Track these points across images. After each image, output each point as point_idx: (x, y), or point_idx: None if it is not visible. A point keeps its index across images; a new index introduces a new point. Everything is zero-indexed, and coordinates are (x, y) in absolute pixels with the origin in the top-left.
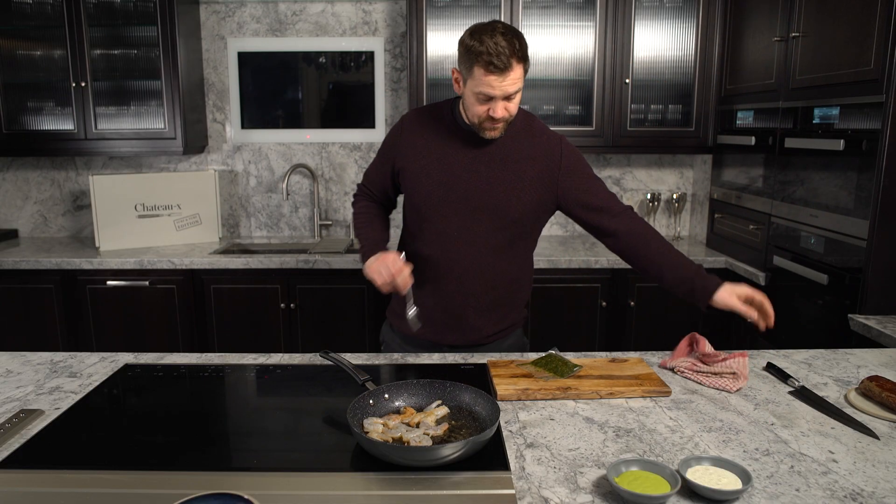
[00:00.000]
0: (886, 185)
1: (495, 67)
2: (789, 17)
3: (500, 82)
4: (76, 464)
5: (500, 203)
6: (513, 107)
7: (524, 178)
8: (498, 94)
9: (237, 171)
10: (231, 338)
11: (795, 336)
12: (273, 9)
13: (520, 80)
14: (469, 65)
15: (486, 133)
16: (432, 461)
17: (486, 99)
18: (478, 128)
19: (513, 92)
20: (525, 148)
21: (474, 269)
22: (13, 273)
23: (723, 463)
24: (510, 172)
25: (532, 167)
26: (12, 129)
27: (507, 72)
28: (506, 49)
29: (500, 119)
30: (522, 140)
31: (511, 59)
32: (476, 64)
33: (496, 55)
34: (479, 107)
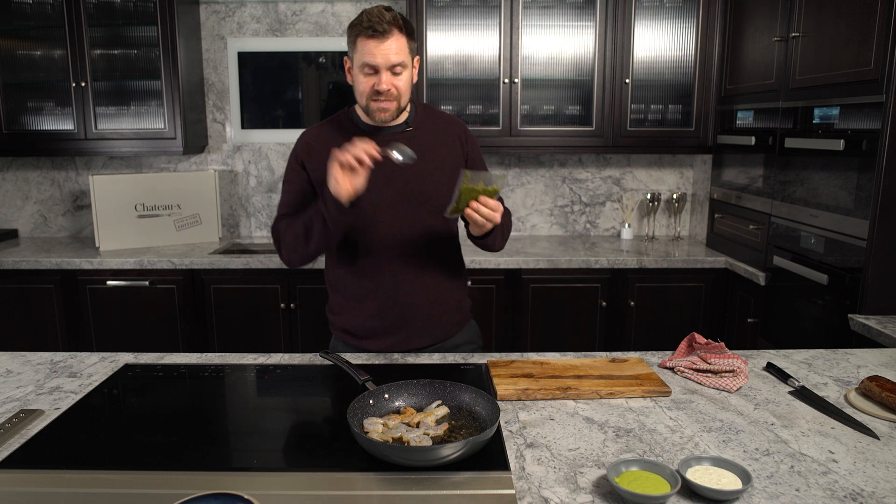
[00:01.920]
0: (886, 185)
1: (374, 31)
2: (789, 17)
3: (379, 48)
4: (76, 464)
5: (431, 193)
6: (401, 84)
7: (446, 162)
8: (380, 62)
9: (237, 171)
10: (231, 338)
11: (795, 336)
12: (273, 9)
13: (403, 53)
14: (352, 39)
15: (376, 114)
16: (432, 461)
17: (371, 71)
18: (367, 110)
19: (395, 62)
20: (434, 135)
21: (416, 268)
22: (13, 273)
23: (723, 463)
24: (431, 161)
25: (448, 152)
26: (12, 129)
27: (387, 36)
28: (385, 16)
29: (384, 92)
30: (431, 126)
31: (391, 26)
32: (359, 36)
33: (377, 21)
34: (365, 81)
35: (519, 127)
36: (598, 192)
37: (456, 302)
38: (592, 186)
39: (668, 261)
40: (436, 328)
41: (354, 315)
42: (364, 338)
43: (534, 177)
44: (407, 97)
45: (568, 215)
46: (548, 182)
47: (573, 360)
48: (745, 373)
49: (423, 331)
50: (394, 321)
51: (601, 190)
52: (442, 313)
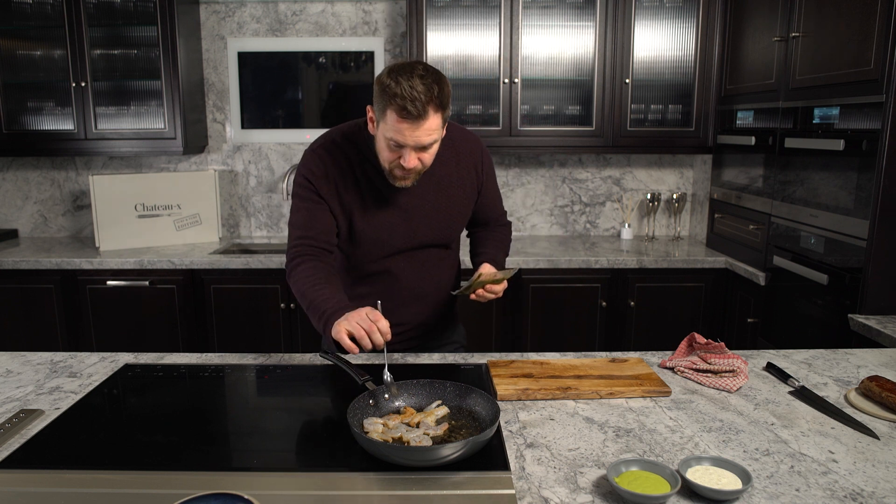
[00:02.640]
0: (886, 185)
1: (408, 114)
2: (789, 17)
3: (412, 131)
4: (76, 464)
5: (443, 228)
6: (427, 158)
7: (459, 198)
8: (410, 144)
9: (237, 171)
10: (231, 338)
11: (795, 336)
12: (273, 9)
13: (437, 132)
14: (382, 106)
15: (396, 182)
16: (432, 461)
17: (397, 146)
18: (387, 174)
19: (427, 143)
20: (453, 164)
21: (413, 290)
22: (13, 273)
23: (723, 463)
24: (445, 196)
25: (463, 185)
26: (12, 129)
27: (422, 121)
28: (422, 95)
29: (411, 170)
30: (448, 156)
31: (427, 106)
32: (389, 107)
33: (411, 100)
34: (390, 153)
35: (519, 127)
36: (598, 192)
37: (445, 303)
38: (592, 186)
39: (668, 261)
40: (422, 329)
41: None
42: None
43: (534, 177)
44: (429, 165)
45: (568, 215)
46: (548, 182)
47: (573, 360)
48: (745, 373)
49: (408, 331)
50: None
51: (601, 190)
52: (430, 314)
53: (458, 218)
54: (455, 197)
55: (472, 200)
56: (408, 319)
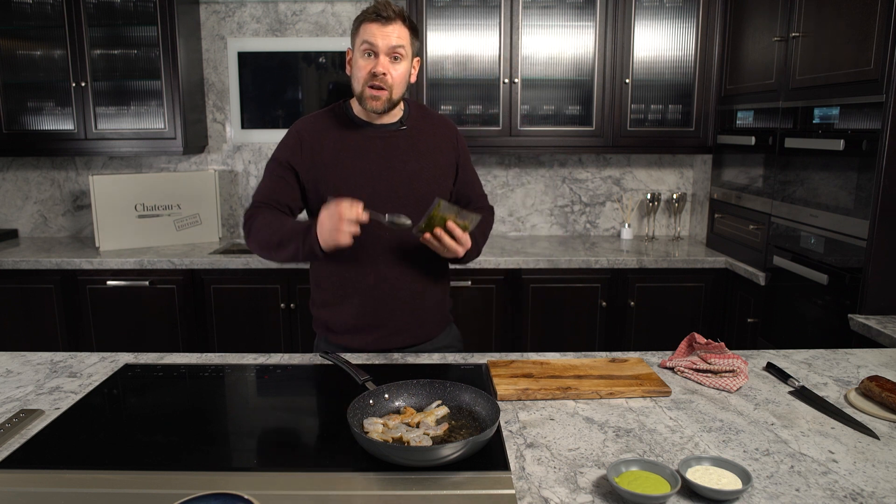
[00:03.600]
0: (886, 185)
1: (378, 16)
2: (789, 17)
3: (382, 30)
4: (76, 464)
5: (420, 193)
6: (397, 74)
7: (437, 165)
8: (380, 45)
9: (237, 171)
10: (231, 338)
11: (795, 336)
12: (273, 9)
13: (405, 41)
14: (357, 25)
15: (368, 101)
16: (432, 461)
17: (370, 52)
18: (361, 97)
19: (395, 45)
20: (430, 135)
21: (398, 270)
22: (13, 273)
23: (723, 463)
24: (423, 162)
25: (440, 155)
26: (12, 129)
27: (391, 22)
28: (392, 6)
29: (381, 79)
30: (424, 127)
31: (397, 16)
32: (364, 21)
33: (382, 7)
34: (363, 64)
35: (519, 127)
36: (598, 192)
37: (437, 302)
38: (592, 186)
39: (668, 261)
40: (415, 328)
41: (334, 311)
42: (342, 333)
43: (534, 177)
44: (400, 91)
45: (568, 215)
46: (548, 182)
47: (573, 360)
48: (745, 373)
49: (401, 330)
50: (372, 319)
51: (601, 190)
52: (422, 313)
53: (437, 184)
54: (435, 161)
55: (450, 171)
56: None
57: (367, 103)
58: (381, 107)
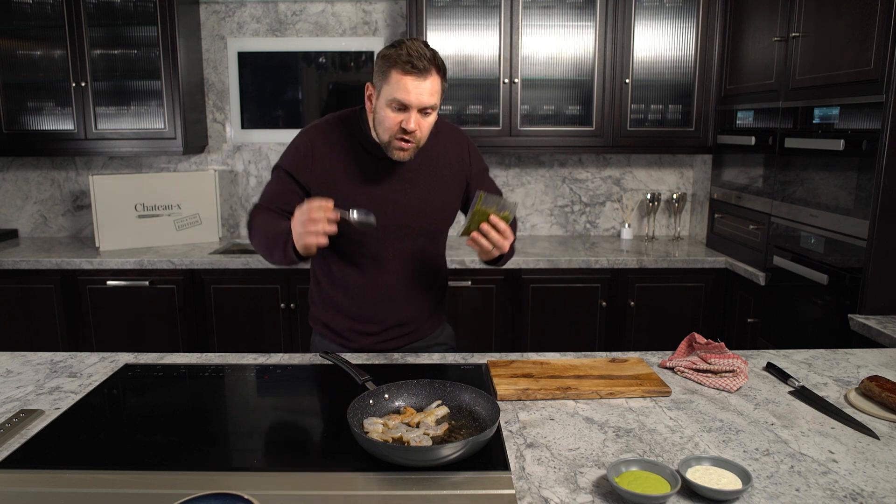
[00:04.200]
0: (886, 185)
1: (413, 68)
2: (789, 17)
3: (416, 87)
4: (76, 464)
5: (431, 217)
6: (425, 126)
7: (447, 186)
8: (413, 102)
9: (237, 171)
10: (231, 338)
11: (795, 336)
12: (273, 9)
13: (437, 95)
14: (386, 70)
15: (395, 153)
16: (432, 461)
17: (400, 108)
18: (386, 146)
19: (428, 105)
20: (439, 153)
21: (404, 281)
22: (13, 273)
23: (723, 463)
24: (435, 184)
25: (450, 173)
26: (12, 129)
27: (426, 76)
28: (426, 53)
29: (411, 134)
30: (435, 145)
31: (431, 65)
32: (394, 67)
33: (417, 57)
34: (392, 117)
35: (519, 127)
36: (598, 192)
37: (433, 306)
38: (592, 186)
39: (668, 261)
40: (412, 332)
41: (330, 310)
42: (338, 332)
43: (534, 177)
44: (426, 137)
45: (568, 215)
46: (548, 182)
47: (573, 360)
48: (745, 373)
49: (398, 333)
50: (368, 320)
51: (601, 190)
52: (418, 315)
53: (445, 205)
54: (443, 183)
55: (460, 189)
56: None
57: (392, 153)
58: (408, 157)
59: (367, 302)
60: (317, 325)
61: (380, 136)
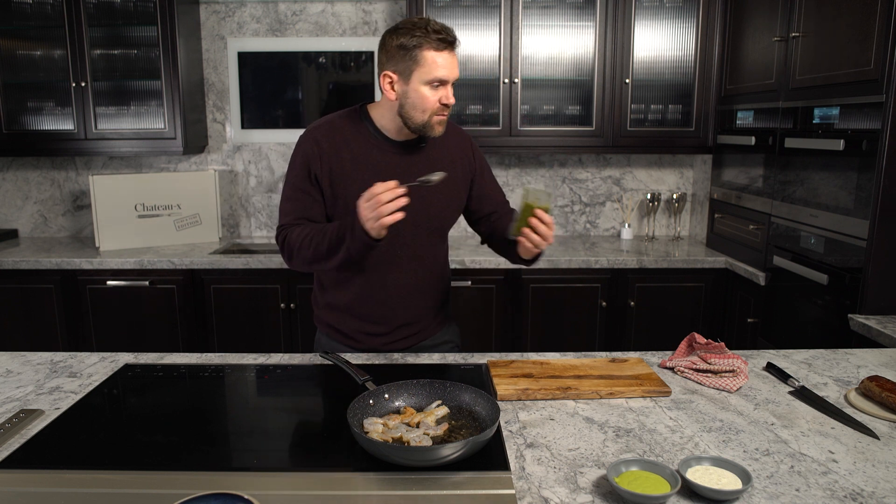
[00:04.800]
0: (886, 185)
1: (444, 42)
2: (789, 17)
3: (451, 61)
4: (76, 464)
5: (438, 213)
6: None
7: (454, 182)
8: (451, 76)
9: (237, 171)
10: (231, 338)
11: (795, 336)
12: (273, 9)
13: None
14: (413, 54)
15: (436, 129)
16: (432, 461)
17: (438, 84)
18: (423, 126)
19: (457, 77)
20: (447, 150)
21: (413, 280)
22: (13, 273)
23: (723, 463)
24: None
25: (456, 170)
26: (12, 129)
27: (454, 47)
28: (445, 26)
29: (449, 107)
30: (442, 142)
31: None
32: (422, 48)
33: (444, 31)
34: (432, 96)
35: (519, 127)
36: (598, 192)
37: (438, 305)
38: (592, 186)
39: (668, 261)
40: (416, 329)
41: (336, 311)
42: (344, 334)
43: (534, 177)
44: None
45: (568, 215)
46: (548, 182)
47: (573, 360)
48: (745, 373)
49: (406, 333)
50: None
51: (601, 190)
52: (422, 315)
53: (451, 201)
54: (451, 178)
55: (465, 186)
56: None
57: (432, 130)
58: (444, 129)
59: (374, 302)
60: (322, 326)
61: (414, 118)
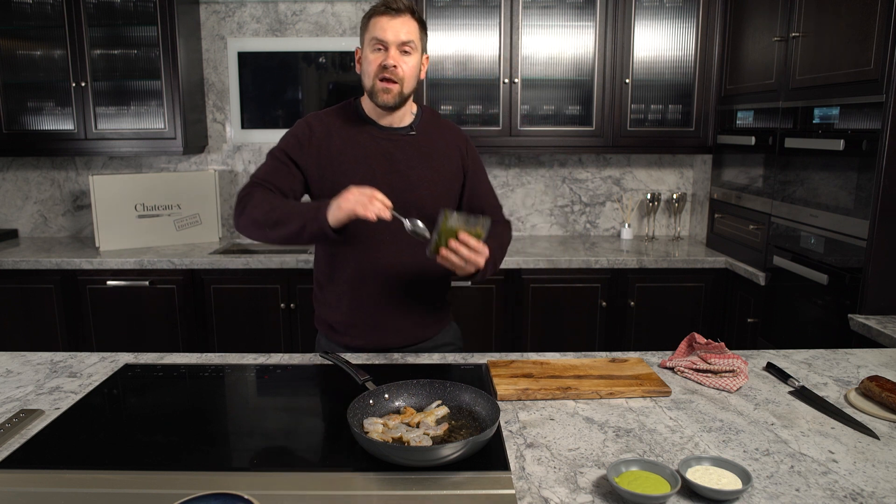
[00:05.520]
0: (886, 185)
1: (388, 9)
2: (789, 17)
3: (391, 23)
4: (76, 464)
5: (424, 201)
6: (407, 66)
7: (443, 173)
8: (390, 38)
9: (237, 171)
10: (231, 338)
11: (795, 336)
12: (273, 9)
13: (414, 35)
14: (365, 22)
15: (380, 94)
16: (432, 461)
17: (380, 47)
18: (372, 91)
19: (405, 39)
20: (438, 142)
21: (396, 268)
22: (13, 273)
23: (723, 463)
24: (429, 169)
25: (447, 163)
26: (12, 129)
27: (401, 16)
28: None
29: (392, 71)
30: (434, 133)
31: (406, 10)
32: (373, 15)
33: (392, 1)
34: (373, 58)
35: (519, 127)
36: (598, 192)
37: (436, 302)
38: (592, 186)
39: (668, 261)
40: (413, 328)
41: (334, 309)
42: (342, 332)
43: (534, 177)
44: (411, 85)
45: (568, 215)
46: (548, 182)
47: (573, 360)
48: (745, 373)
49: (399, 331)
50: (372, 319)
51: (601, 190)
52: (419, 313)
53: (442, 191)
54: (441, 169)
55: (457, 180)
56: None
57: (378, 97)
58: (393, 100)
59: (370, 303)
60: (322, 326)
61: (366, 86)
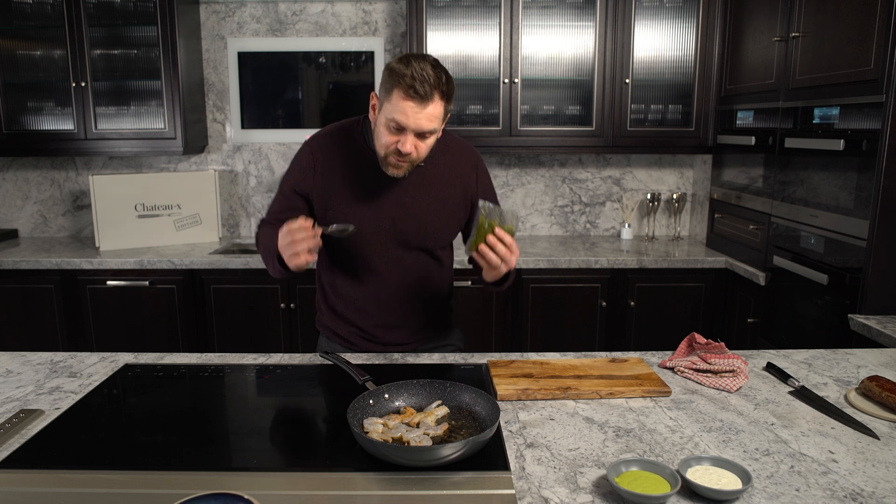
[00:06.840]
0: (886, 185)
1: (415, 93)
2: (789, 17)
3: (416, 112)
4: (76, 464)
5: (430, 233)
6: (423, 148)
7: (449, 202)
8: (411, 126)
9: (237, 171)
10: (231, 338)
11: (795, 336)
12: (273, 9)
13: (437, 121)
14: (389, 87)
15: (389, 169)
16: (432, 461)
17: (398, 129)
18: (381, 161)
19: (427, 129)
20: (444, 168)
21: (401, 294)
22: (13, 273)
23: (723, 463)
24: (435, 199)
25: (454, 191)
26: (12, 129)
27: (427, 103)
28: (431, 78)
29: (406, 155)
30: (441, 163)
31: (434, 90)
32: (397, 87)
33: (420, 81)
34: (389, 137)
35: (519, 127)
36: (598, 192)
37: (440, 311)
38: (592, 186)
39: (668, 261)
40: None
41: (337, 317)
42: (346, 339)
43: (534, 177)
44: (424, 156)
45: (568, 215)
46: (548, 182)
47: (573, 360)
48: (745, 373)
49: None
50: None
51: (601, 190)
52: (421, 330)
53: (447, 222)
54: (446, 199)
55: (464, 208)
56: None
57: (387, 170)
58: (403, 174)
59: (369, 314)
60: (324, 330)
61: (377, 151)
